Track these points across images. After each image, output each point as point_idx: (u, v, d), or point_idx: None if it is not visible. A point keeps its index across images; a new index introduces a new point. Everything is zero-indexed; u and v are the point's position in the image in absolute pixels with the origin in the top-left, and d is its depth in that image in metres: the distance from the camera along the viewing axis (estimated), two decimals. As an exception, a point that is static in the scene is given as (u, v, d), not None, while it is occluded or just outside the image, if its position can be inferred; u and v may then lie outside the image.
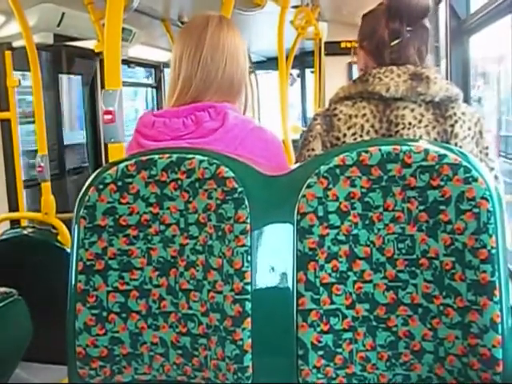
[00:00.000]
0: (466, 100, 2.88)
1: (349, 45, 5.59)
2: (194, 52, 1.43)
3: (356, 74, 1.62)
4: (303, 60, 7.37)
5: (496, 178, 1.44)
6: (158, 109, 6.31)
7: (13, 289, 2.46)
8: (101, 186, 1.21)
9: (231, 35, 1.47)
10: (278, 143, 1.49)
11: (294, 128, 5.88)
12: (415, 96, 1.43)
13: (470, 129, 1.44)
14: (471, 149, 1.44)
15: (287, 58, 4.48)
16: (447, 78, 1.50)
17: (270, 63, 7.35)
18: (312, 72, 6.47)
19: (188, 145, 1.35)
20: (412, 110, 1.43)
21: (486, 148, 1.46)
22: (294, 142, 4.34)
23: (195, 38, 1.44)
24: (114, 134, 1.41)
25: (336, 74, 5.97)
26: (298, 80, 8.16)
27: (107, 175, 1.21)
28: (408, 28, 1.48)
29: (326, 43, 5.73)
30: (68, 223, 3.37)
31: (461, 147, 1.41)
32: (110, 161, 1.30)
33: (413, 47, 1.50)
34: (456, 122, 1.43)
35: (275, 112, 4.66)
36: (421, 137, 1.41)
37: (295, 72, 7.87)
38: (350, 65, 5.91)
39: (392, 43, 1.49)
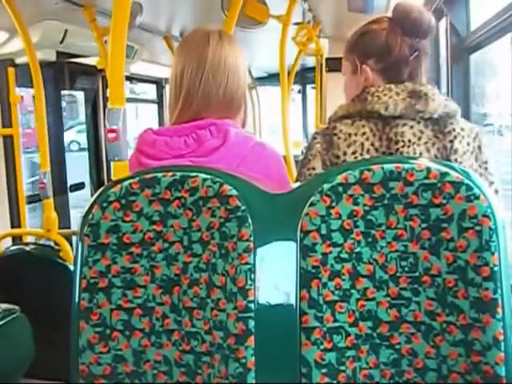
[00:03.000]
0: (468, 117, 2.90)
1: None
2: (195, 69, 1.43)
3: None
4: (304, 76, 7.41)
5: (496, 191, 1.44)
6: (160, 124, 6.34)
7: (15, 305, 2.45)
8: (104, 204, 1.21)
9: (232, 51, 1.47)
10: (278, 159, 1.49)
11: (296, 143, 5.90)
12: (414, 114, 1.43)
13: (468, 144, 1.45)
14: (471, 164, 1.44)
15: (289, 73, 4.50)
16: (448, 96, 1.52)
17: (271, 79, 7.39)
18: (313, 88, 6.50)
19: (190, 163, 1.36)
20: (411, 127, 1.43)
21: (485, 162, 1.47)
22: (296, 157, 4.36)
23: (196, 55, 1.44)
24: (117, 152, 1.42)
25: (337, 90, 5.98)
26: (298, 96, 8.17)
27: (111, 193, 1.21)
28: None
29: (327, 59, 5.76)
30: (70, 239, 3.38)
31: (461, 163, 1.41)
32: (114, 179, 1.31)
33: (423, 62, 1.52)
34: (455, 137, 1.43)
35: (277, 127, 4.68)
36: (421, 154, 1.42)
37: (296, 88, 7.90)
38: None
39: (410, 59, 1.50)
